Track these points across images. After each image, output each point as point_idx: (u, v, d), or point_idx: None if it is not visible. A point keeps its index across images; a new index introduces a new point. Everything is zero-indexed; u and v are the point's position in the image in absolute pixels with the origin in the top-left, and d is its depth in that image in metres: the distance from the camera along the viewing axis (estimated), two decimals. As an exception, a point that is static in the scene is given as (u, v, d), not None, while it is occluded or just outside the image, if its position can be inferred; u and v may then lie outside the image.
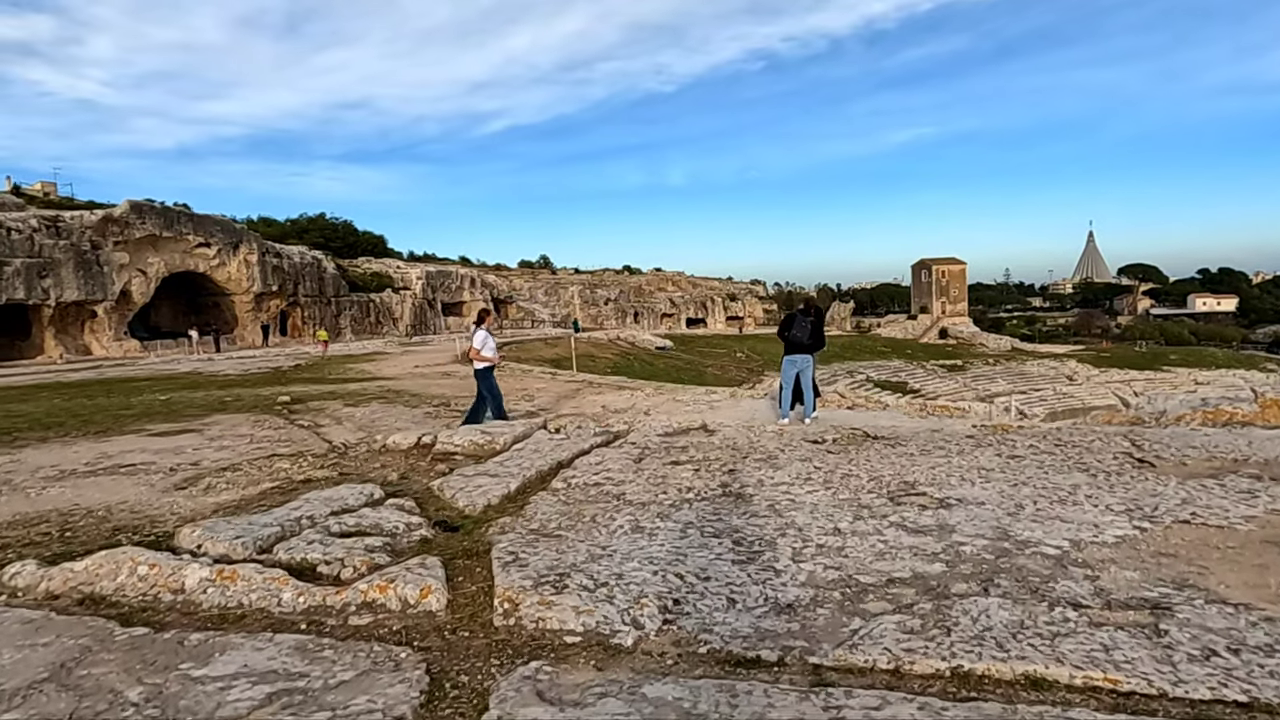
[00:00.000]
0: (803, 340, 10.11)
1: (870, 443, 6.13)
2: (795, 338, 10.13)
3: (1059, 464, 5.19)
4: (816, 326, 10.21)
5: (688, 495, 4.60)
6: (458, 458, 6.37)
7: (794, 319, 10.30)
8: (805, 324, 10.15)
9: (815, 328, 10.17)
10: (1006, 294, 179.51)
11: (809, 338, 10.10)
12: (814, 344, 10.13)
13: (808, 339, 10.10)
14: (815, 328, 10.17)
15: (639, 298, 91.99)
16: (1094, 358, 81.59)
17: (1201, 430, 6.06)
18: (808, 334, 10.10)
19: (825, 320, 11.09)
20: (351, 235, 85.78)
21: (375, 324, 61.19)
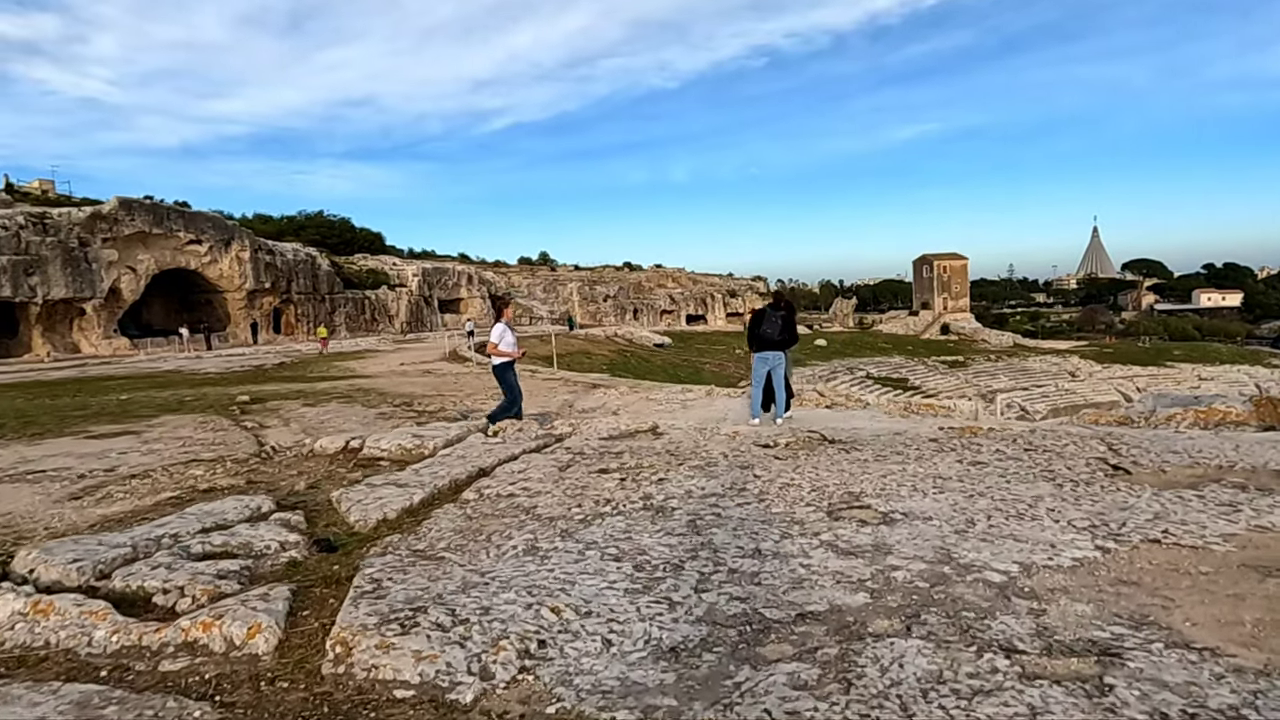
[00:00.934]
0: (774, 337, 9.63)
1: (825, 447, 5.64)
2: (766, 334, 9.65)
3: (1024, 472, 4.71)
4: (788, 322, 9.73)
5: (603, 509, 4.13)
6: (383, 463, 5.91)
7: (764, 315, 9.83)
8: (776, 319, 9.67)
9: (786, 323, 9.70)
10: (1010, 290, 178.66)
11: (780, 334, 9.62)
12: (786, 340, 9.65)
13: (779, 335, 9.62)
14: (786, 323, 9.70)
15: (638, 294, 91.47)
16: (1097, 354, 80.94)
17: (1186, 434, 5.57)
18: (779, 330, 9.62)
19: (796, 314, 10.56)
20: (349, 232, 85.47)
21: (371, 321, 60.78)
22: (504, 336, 9.24)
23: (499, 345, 9.19)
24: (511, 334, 9.36)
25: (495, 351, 9.20)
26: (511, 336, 9.34)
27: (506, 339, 9.26)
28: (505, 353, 9.18)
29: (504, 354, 9.19)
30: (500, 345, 9.19)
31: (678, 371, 55.15)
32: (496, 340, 9.21)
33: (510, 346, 9.26)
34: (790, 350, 10.19)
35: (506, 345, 9.22)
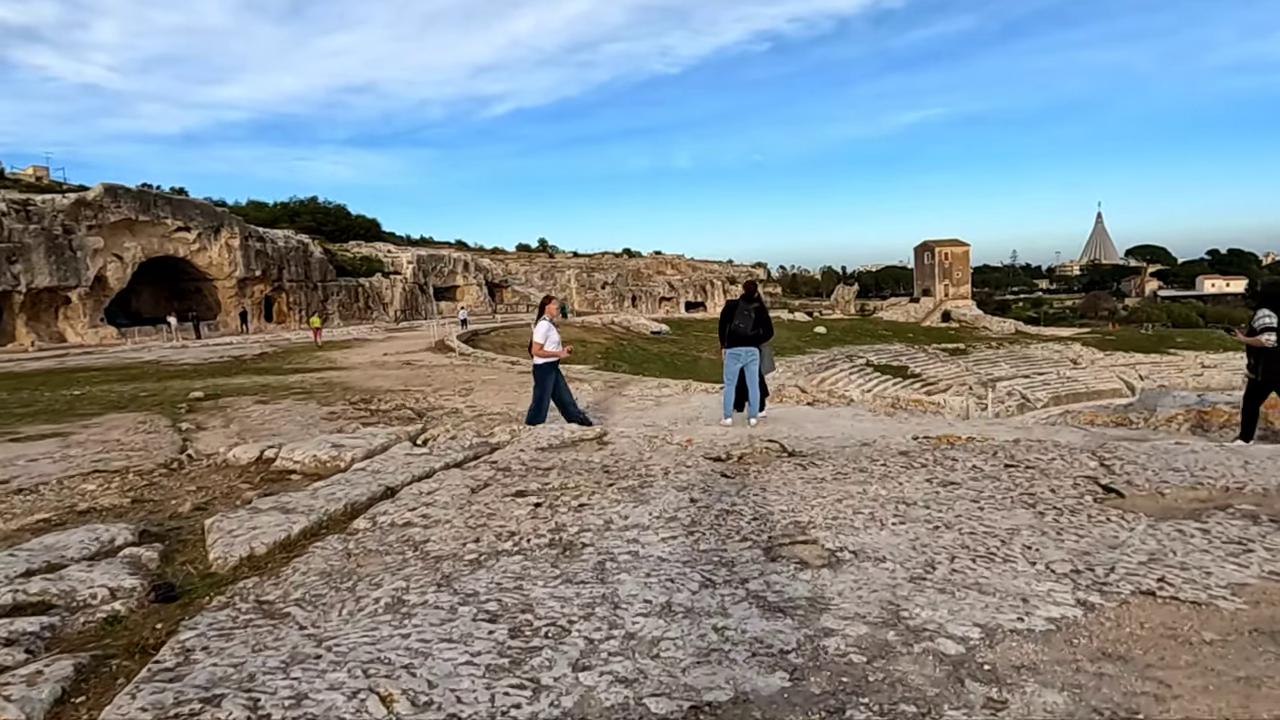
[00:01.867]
0: (746, 331, 9.02)
1: (781, 462, 5.03)
2: (738, 329, 9.04)
3: (1002, 495, 4.10)
4: (760, 314, 9.10)
5: (503, 546, 3.53)
6: (294, 477, 5.32)
7: (735, 308, 9.21)
8: (748, 312, 9.05)
9: (759, 315, 9.07)
10: (1013, 276, 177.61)
11: (753, 328, 9.00)
12: (759, 334, 9.03)
13: (751, 330, 9.00)
14: (759, 315, 9.07)
15: (637, 281, 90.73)
16: (1099, 340, 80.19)
17: (1188, 446, 4.96)
18: (751, 324, 9.00)
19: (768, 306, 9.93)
20: (344, 219, 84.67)
21: (364, 309, 60.13)
22: (549, 335, 8.52)
23: (544, 345, 8.48)
24: (556, 332, 8.65)
25: (540, 352, 8.51)
26: (557, 335, 8.62)
27: (552, 338, 8.54)
28: (550, 353, 8.49)
29: (549, 354, 8.48)
30: (545, 345, 8.47)
31: (675, 360, 54.63)
32: (541, 339, 8.51)
33: (555, 346, 8.55)
34: (766, 345, 9.58)
35: (552, 345, 8.51)
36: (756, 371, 9.14)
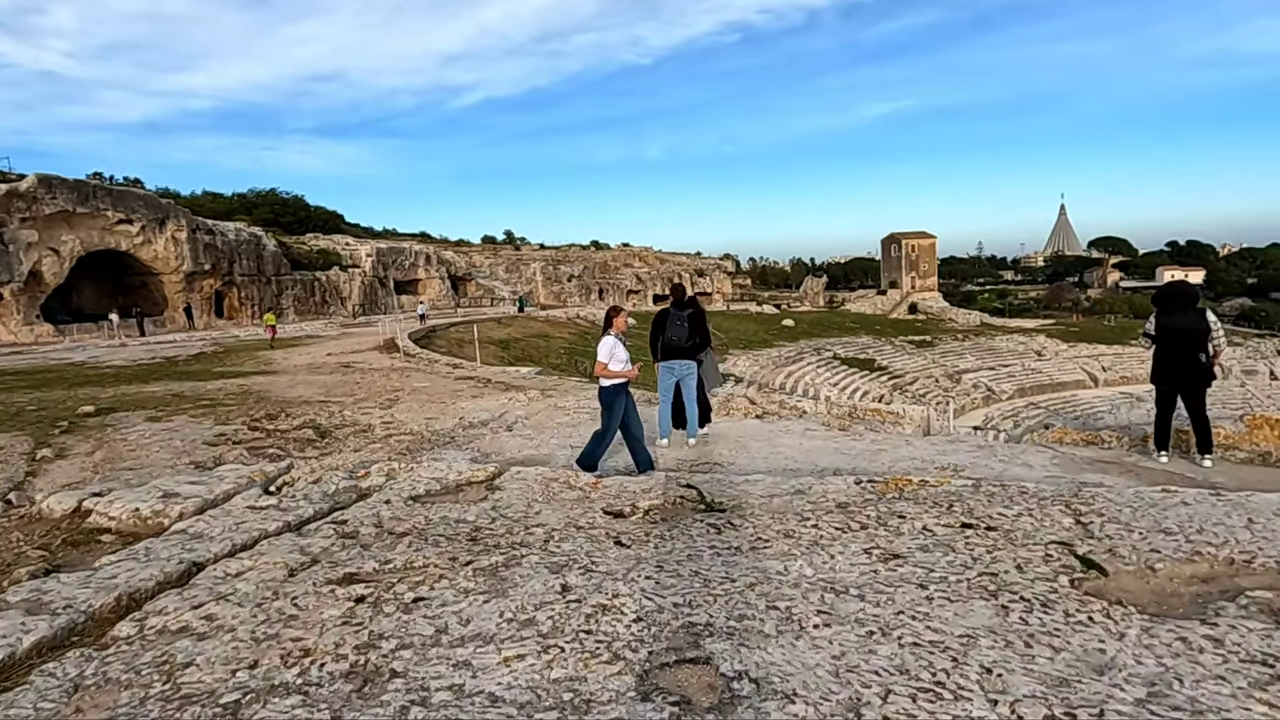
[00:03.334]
0: (679, 343, 8.13)
1: (694, 520, 4.13)
2: (670, 341, 8.16)
3: (956, 575, 3.25)
4: (696, 322, 8.21)
5: (284, 678, 2.59)
6: (106, 538, 4.32)
7: (666, 317, 8.32)
8: (680, 322, 8.16)
9: (694, 323, 8.18)
10: (979, 267, 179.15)
11: (687, 339, 8.11)
12: (695, 344, 8.15)
13: (686, 341, 8.11)
14: (694, 323, 8.18)
15: (604, 274, 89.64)
16: (1063, 332, 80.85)
17: (1177, 496, 4.16)
18: (685, 334, 8.11)
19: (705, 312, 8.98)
20: (303, 211, 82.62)
21: (321, 304, 58.36)
22: (614, 352, 7.15)
23: (609, 364, 7.12)
24: (624, 349, 7.25)
25: (604, 372, 7.14)
26: (625, 353, 7.24)
27: (619, 355, 7.16)
28: (617, 373, 7.12)
29: (615, 375, 7.11)
30: (610, 365, 7.12)
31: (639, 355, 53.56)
32: (605, 358, 7.13)
33: (623, 365, 7.17)
34: (709, 354, 8.70)
35: (619, 365, 7.15)
36: (694, 386, 8.27)
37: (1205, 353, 6.68)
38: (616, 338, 7.28)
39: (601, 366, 7.13)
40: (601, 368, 7.13)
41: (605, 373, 7.14)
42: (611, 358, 7.18)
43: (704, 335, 8.17)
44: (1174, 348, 6.78)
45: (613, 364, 7.17)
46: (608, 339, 7.25)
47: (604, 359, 7.18)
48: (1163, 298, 7.07)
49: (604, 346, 7.23)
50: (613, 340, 7.22)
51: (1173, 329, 6.82)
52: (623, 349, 7.25)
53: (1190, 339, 6.68)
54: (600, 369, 7.14)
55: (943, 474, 6.82)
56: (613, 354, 7.18)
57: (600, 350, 7.23)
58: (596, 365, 7.17)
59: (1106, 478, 6.57)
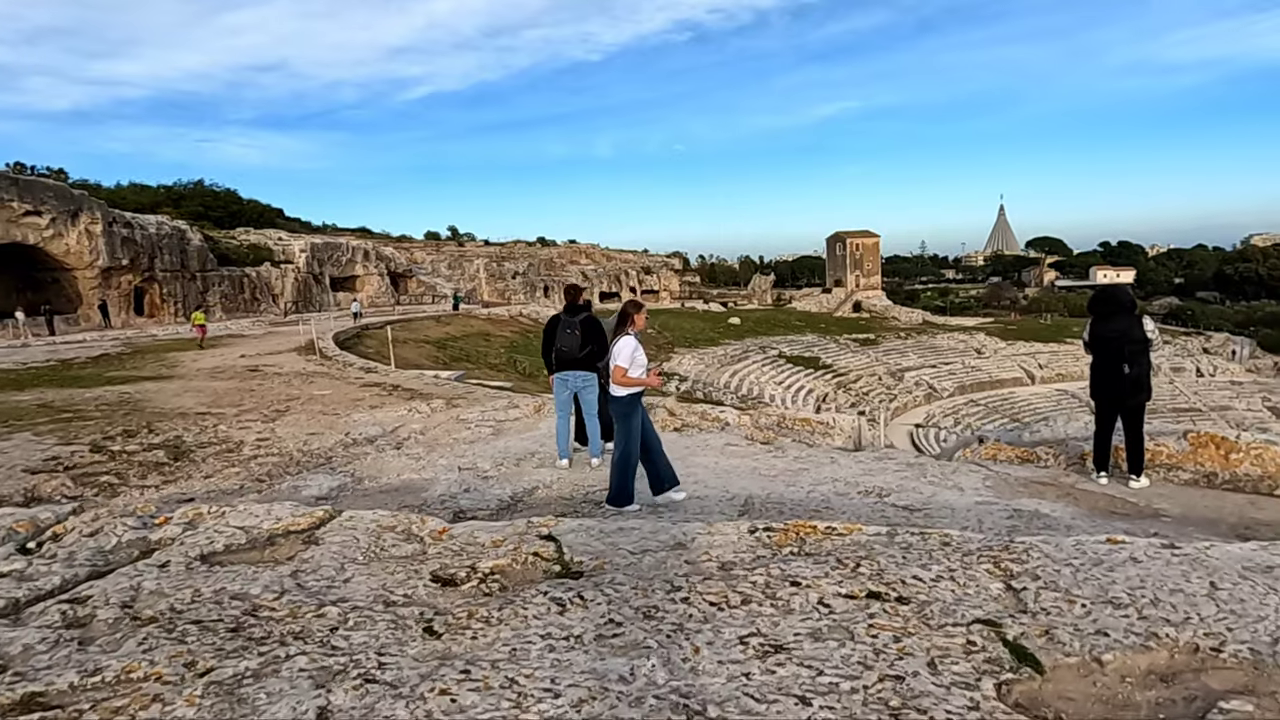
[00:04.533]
0: (572, 353, 7.29)
1: (539, 591, 3.27)
2: (562, 351, 7.32)
3: (852, 680, 2.47)
4: (590, 328, 7.35)
5: None
6: None
7: (557, 323, 7.46)
8: (571, 329, 7.32)
9: (589, 330, 7.32)
10: (922, 266, 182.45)
11: (580, 348, 7.27)
12: (591, 353, 7.31)
13: (579, 350, 7.27)
14: (589, 330, 7.32)
15: (550, 271, 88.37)
16: (1002, 330, 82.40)
17: (1126, 550, 3.48)
18: (577, 343, 7.27)
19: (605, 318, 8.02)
20: (235, 204, 79.42)
21: (251, 302, 55.97)
22: (635, 357, 6.13)
23: (628, 370, 6.07)
24: (643, 352, 6.24)
25: (622, 379, 6.07)
26: (644, 357, 6.26)
27: (639, 360, 6.16)
28: (636, 381, 6.11)
29: (634, 382, 6.10)
30: (630, 370, 6.08)
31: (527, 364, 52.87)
32: (625, 363, 6.08)
33: (641, 371, 6.18)
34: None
35: (639, 370, 6.15)
36: (594, 400, 7.45)
37: (1141, 364, 6.11)
38: (636, 338, 6.20)
39: (621, 372, 6.05)
40: (621, 374, 6.06)
41: (625, 380, 6.07)
42: (632, 362, 6.10)
43: (600, 342, 7.34)
44: (1110, 358, 6.21)
45: (634, 370, 6.09)
46: (627, 339, 6.16)
47: (623, 363, 6.07)
48: (1098, 303, 6.48)
49: (623, 348, 6.11)
50: (633, 342, 6.16)
51: (1108, 338, 6.24)
52: (642, 353, 6.21)
53: (1128, 348, 6.10)
54: (619, 375, 6.07)
55: (868, 497, 6.13)
56: (634, 359, 6.10)
57: (618, 353, 6.12)
58: (614, 371, 6.09)
59: (1043, 504, 5.95)
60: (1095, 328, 6.38)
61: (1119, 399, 6.21)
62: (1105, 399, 6.31)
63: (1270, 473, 5.91)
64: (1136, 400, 6.17)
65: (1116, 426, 6.42)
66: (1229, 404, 63.94)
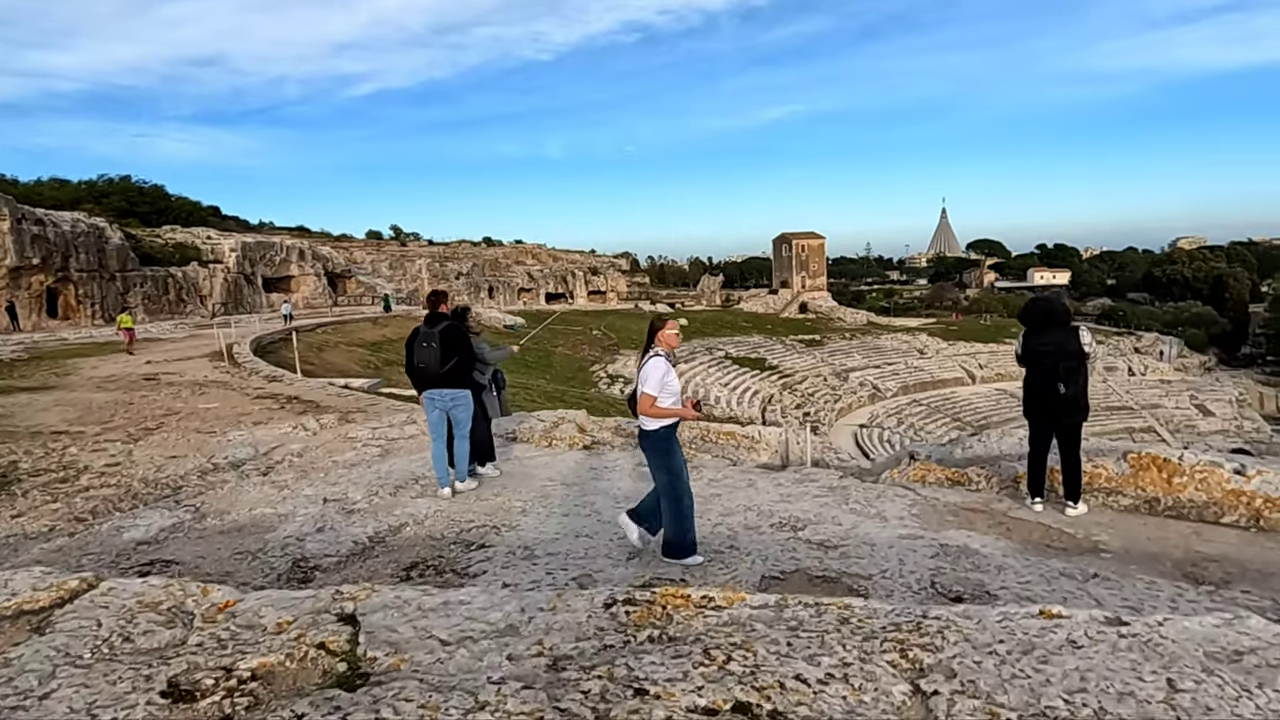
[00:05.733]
0: (431, 369, 6.44)
1: (302, 711, 2.44)
2: (421, 369, 6.47)
3: None
4: (450, 341, 6.48)
5: None
6: None
7: (416, 336, 6.60)
8: (429, 342, 6.47)
9: (449, 342, 6.46)
10: (867, 267, 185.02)
11: (439, 362, 6.42)
12: (454, 368, 6.47)
13: (438, 365, 6.42)
14: (449, 342, 6.46)
15: (494, 271, 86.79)
16: (943, 331, 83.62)
17: (1063, 629, 2.80)
18: (436, 358, 6.41)
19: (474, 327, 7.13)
20: (162, 200, 76.04)
21: (176, 303, 53.35)
22: (666, 382, 4.93)
23: (657, 399, 4.85)
24: (675, 375, 5.04)
25: (652, 410, 4.84)
26: (676, 381, 5.05)
27: (671, 385, 4.95)
28: (669, 411, 4.88)
29: (666, 413, 4.87)
30: (660, 398, 4.86)
31: (525, 357, 51.82)
32: (654, 389, 4.87)
33: (674, 399, 4.94)
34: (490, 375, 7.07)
35: (670, 399, 4.92)
36: (465, 419, 6.61)
37: (1078, 381, 5.52)
38: (667, 359, 5.00)
39: (649, 402, 4.82)
40: (649, 403, 4.82)
41: (656, 411, 4.83)
42: (663, 388, 4.89)
43: (464, 355, 6.51)
44: (1044, 375, 5.61)
45: (663, 397, 4.87)
46: (657, 361, 4.95)
47: (652, 390, 4.85)
48: (1031, 315, 5.87)
49: (651, 372, 4.89)
50: (664, 364, 4.96)
51: (1042, 352, 5.64)
52: (675, 376, 5.01)
53: (1063, 364, 5.51)
54: (647, 405, 4.83)
55: (780, 531, 5.42)
56: (664, 383, 4.91)
57: (645, 377, 4.91)
58: (641, 400, 4.87)
59: (972, 536, 5.31)
60: (1028, 340, 5.78)
61: (1054, 419, 5.63)
62: (1040, 419, 5.73)
63: (1216, 498, 5.38)
64: (1073, 420, 5.59)
65: (1053, 447, 5.83)
66: (1159, 402, 65.84)
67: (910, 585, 4.41)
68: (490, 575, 4.55)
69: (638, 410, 4.92)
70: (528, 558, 4.88)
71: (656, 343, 5.07)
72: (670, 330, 5.13)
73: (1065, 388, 5.48)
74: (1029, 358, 5.74)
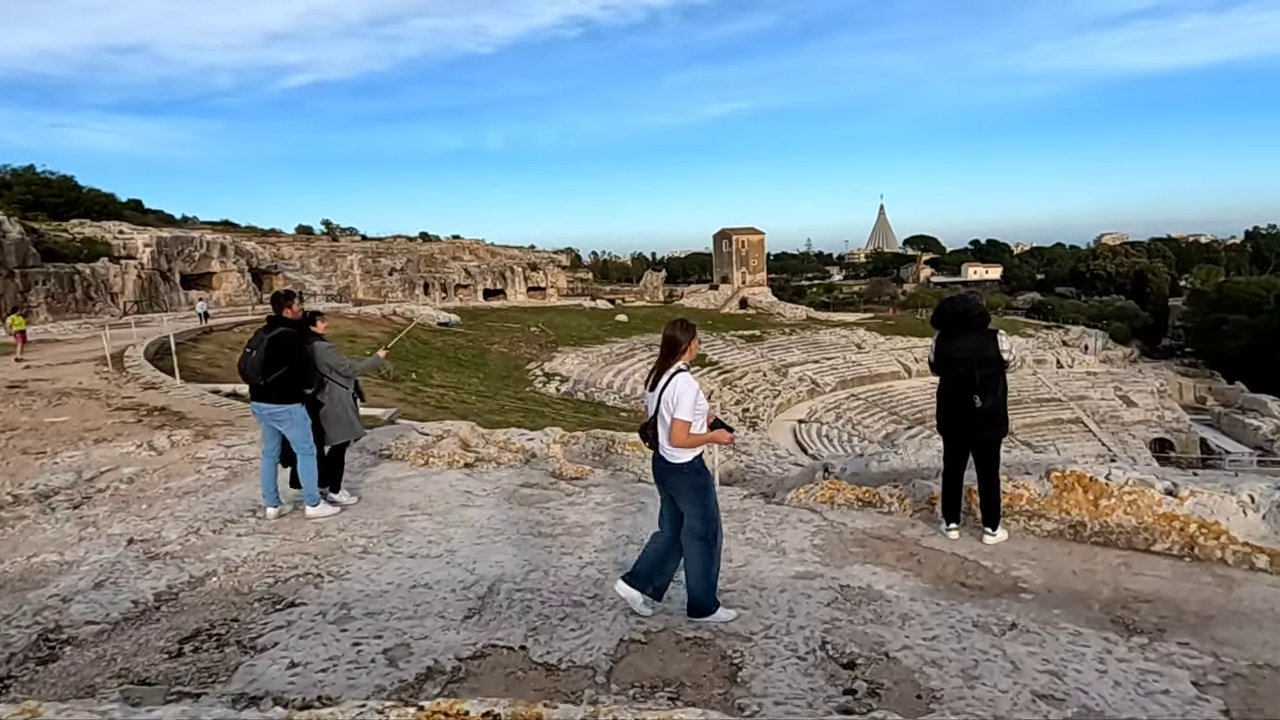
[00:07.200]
0: (253, 379, 5.60)
1: None
2: (246, 377, 5.61)
3: None
4: (278, 349, 5.62)
5: None
6: None
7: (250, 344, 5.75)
8: (255, 349, 5.64)
9: (275, 350, 5.61)
10: (808, 263, 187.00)
11: (260, 371, 5.57)
12: (279, 381, 5.60)
13: (259, 374, 5.58)
14: (275, 350, 5.61)
15: (430, 267, 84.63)
16: (881, 325, 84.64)
17: None
18: (258, 366, 5.58)
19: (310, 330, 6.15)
20: (72, 192, 71.92)
21: (84, 301, 50.21)
22: (699, 405, 4.00)
23: (691, 425, 3.95)
24: (703, 397, 4.10)
25: (686, 441, 3.95)
26: (705, 402, 4.07)
27: (701, 406, 4.02)
28: (704, 438, 4.05)
29: (700, 440, 4.03)
30: (694, 425, 3.97)
31: (459, 355, 50.46)
32: (687, 415, 3.94)
33: (702, 426, 4.03)
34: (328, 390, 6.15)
35: (700, 424, 4.02)
36: (300, 436, 5.73)
37: (996, 393, 4.85)
38: (689, 375, 4.10)
39: (683, 430, 3.91)
40: (683, 432, 3.91)
41: (691, 440, 3.95)
42: (696, 413, 3.97)
43: (295, 363, 5.62)
44: (959, 386, 4.94)
45: (697, 424, 3.98)
46: (684, 379, 4.01)
47: (685, 415, 3.92)
48: (945, 318, 5.19)
49: (683, 395, 3.93)
50: (693, 384, 4.09)
51: (956, 359, 4.97)
52: (703, 397, 4.09)
53: (978, 372, 4.84)
54: (681, 435, 3.91)
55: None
56: (696, 406, 3.98)
57: (676, 401, 3.93)
58: (675, 428, 3.91)
59: (878, 573, 4.60)
60: (941, 345, 5.10)
61: (970, 434, 4.97)
62: (955, 434, 5.06)
63: (1146, 523, 4.78)
64: (991, 436, 4.94)
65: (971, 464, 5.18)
66: (1086, 393, 67.72)
67: (797, 647, 3.66)
68: (281, 649, 3.64)
69: (670, 441, 3.96)
70: (340, 620, 3.98)
71: (680, 355, 4.09)
72: (695, 342, 4.25)
73: (981, 400, 4.81)
74: (942, 364, 5.07)
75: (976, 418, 4.86)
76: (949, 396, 5.01)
